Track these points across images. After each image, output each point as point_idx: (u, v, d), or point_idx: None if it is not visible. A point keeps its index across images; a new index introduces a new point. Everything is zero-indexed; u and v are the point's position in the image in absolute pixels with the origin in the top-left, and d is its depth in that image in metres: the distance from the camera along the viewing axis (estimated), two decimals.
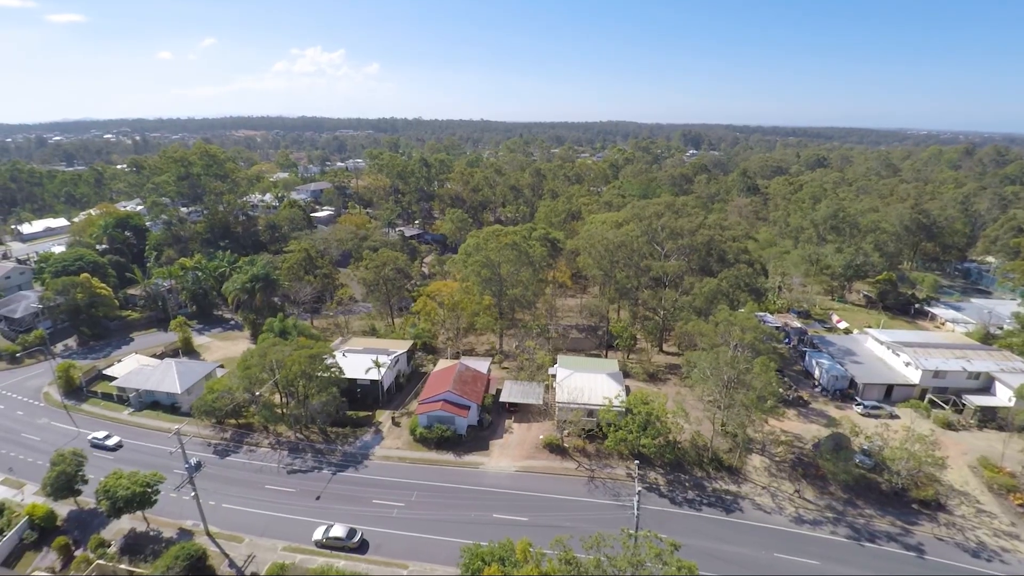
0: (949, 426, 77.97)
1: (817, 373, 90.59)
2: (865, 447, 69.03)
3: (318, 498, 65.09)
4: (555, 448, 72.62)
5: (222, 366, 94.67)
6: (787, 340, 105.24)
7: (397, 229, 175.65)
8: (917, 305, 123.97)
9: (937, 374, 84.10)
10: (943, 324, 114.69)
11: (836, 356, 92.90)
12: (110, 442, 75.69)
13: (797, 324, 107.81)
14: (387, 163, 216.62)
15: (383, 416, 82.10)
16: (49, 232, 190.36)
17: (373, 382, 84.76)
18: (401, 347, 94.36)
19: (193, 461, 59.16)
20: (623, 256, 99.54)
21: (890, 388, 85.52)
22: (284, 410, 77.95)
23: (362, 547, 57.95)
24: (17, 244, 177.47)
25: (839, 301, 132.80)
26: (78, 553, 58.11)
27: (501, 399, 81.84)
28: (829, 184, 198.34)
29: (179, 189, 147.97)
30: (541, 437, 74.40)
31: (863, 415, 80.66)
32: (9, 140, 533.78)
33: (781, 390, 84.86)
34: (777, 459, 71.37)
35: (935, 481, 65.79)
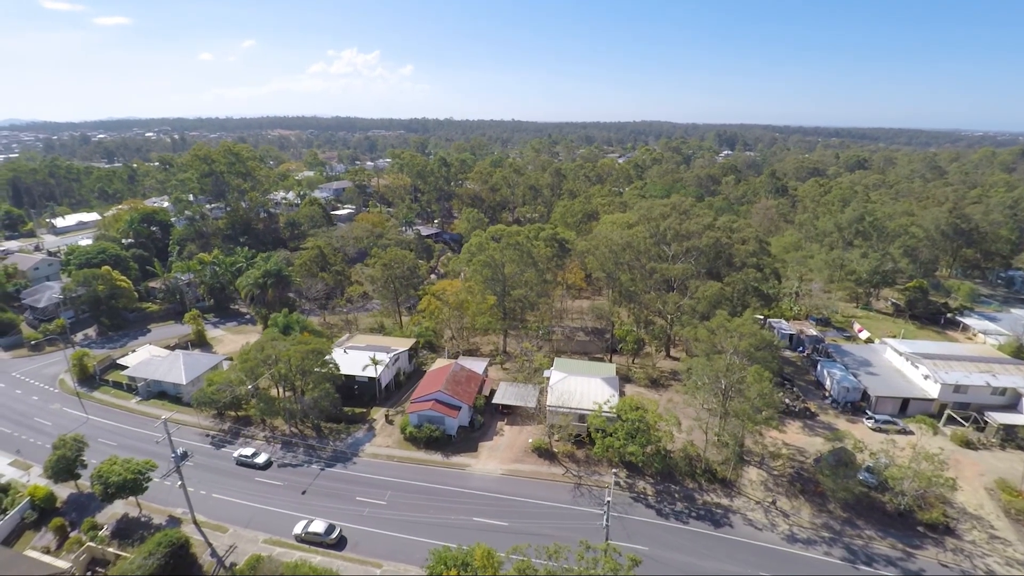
0: (968, 444, 72.96)
1: (828, 384, 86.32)
2: (870, 464, 65.21)
3: (304, 493, 65.64)
4: (544, 453, 71.25)
5: (230, 359, 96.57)
6: (800, 349, 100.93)
7: (414, 228, 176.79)
8: (948, 315, 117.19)
9: (958, 388, 78.85)
10: (975, 335, 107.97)
11: (851, 366, 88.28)
12: (259, 460, 70.31)
13: (813, 332, 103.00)
14: (408, 162, 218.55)
15: (378, 414, 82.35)
16: (81, 226, 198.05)
17: (370, 379, 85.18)
18: (403, 345, 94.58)
19: (180, 451, 60.29)
20: (629, 258, 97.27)
21: (906, 402, 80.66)
22: (280, 404, 78.99)
23: (340, 543, 58.10)
24: (50, 237, 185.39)
25: (864, 309, 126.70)
26: (72, 534, 60.25)
27: (494, 401, 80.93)
28: (862, 187, 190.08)
29: (203, 186, 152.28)
30: (530, 441, 73.13)
31: (873, 430, 76.20)
32: (55, 137, 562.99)
33: (787, 400, 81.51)
34: (775, 473, 68.18)
35: (945, 503, 61.61)
